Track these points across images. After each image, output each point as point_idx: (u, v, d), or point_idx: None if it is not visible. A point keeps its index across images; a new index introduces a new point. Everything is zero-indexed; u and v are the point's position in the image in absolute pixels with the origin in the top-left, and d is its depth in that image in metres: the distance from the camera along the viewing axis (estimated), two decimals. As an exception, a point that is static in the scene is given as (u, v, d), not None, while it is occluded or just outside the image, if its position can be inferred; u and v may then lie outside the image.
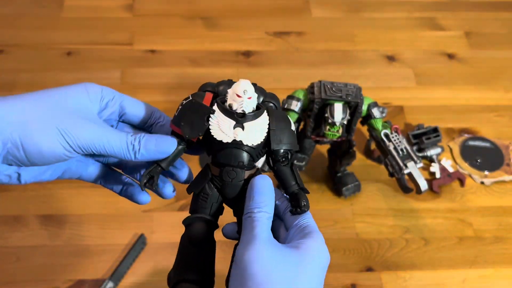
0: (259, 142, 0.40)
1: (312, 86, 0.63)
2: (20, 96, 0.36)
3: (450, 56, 0.98)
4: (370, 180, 0.80)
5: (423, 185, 0.65)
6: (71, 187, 0.76)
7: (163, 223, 0.74)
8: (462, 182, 0.80)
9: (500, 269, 0.72)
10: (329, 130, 0.62)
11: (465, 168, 0.82)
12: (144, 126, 0.44)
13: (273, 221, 0.39)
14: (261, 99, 0.43)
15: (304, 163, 0.72)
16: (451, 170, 0.81)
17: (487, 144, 0.85)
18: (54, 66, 0.91)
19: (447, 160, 0.82)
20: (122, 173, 0.44)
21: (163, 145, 0.40)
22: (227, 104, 0.40)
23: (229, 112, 0.40)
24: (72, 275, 0.68)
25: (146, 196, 0.44)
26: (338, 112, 0.61)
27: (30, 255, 0.70)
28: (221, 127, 0.40)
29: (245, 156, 0.41)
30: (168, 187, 0.45)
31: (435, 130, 0.81)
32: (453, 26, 1.03)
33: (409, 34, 1.01)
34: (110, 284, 0.66)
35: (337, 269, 0.70)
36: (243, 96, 0.39)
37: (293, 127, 0.42)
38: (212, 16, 1.01)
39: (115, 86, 0.94)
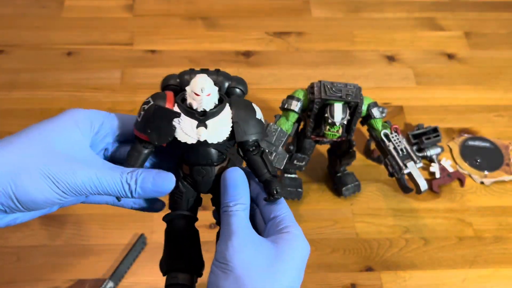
0: (225, 138, 0.40)
1: (312, 86, 0.63)
2: (7, 141, 0.36)
3: (450, 56, 0.98)
4: (370, 180, 0.80)
5: (423, 185, 0.65)
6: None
7: (163, 223, 0.74)
8: (462, 182, 0.80)
9: (500, 269, 0.72)
10: (329, 130, 0.63)
11: (465, 168, 0.82)
12: None
13: (251, 209, 0.40)
14: (227, 84, 0.41)
15: (304, 163, 0.73)
16: (451, 170, 0.81)
17: (487, 144, 0.85)
18: (54, 66, 0.91)
19: (446, 160, 0.83)
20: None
21: (161, 185, 0.38)
22: (187, 102, 0.39)
23: (190, 112, 0.39)
24: (72, 275, 0.68)
25: (159, 204, 0.45)
26: (338, 112, 0.61)
27: (30, 255, 0.70)
28: (183, 129, 0.39)
29: (213, 153, 0.41)
30: (158, 203, 0.45)
31: (435, 130, 0.81)
32: (453, 26, 1.03)
33: (409, 34, 1.01)
34: (110, 284, 0.66)
35: (337, 269, 0.71)
36: (201, 94, 0.38)
37: (258, 115, 0.41)
38: (212, 16, 1.02)
39: (115, 86, 0.95)
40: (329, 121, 0.61)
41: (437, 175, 0.80)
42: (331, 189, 0.78)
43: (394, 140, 0.66)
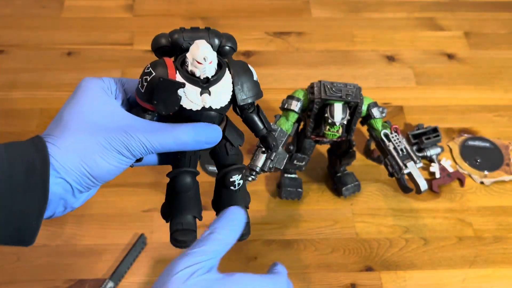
0: (227, 103, 0.42)
1: (312, 86, 0.63)
2: (58, 131, 0.38)
3: (450, 56, 0.98)
4: (369, 180, 0.80)
5: (423, 185, 0.65)
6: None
7: (163, 223, 0.74)
8: (461, 182, 0.80)
9: (499, 269, 0.72)
10: (329, 130, 0.63)
11: (465, 168, 0.82)
12: None
13: None
14: (217, 41, 0.43)
15: (304, 163, 0.73)
16: (450, 170, 0.81)
17: (487, 144, 0.85)
18: (54, 66, 0.91)
19: (446, 160, 0.83)
20: None
21: (213, 136, 0.42)
22: (188, 69, 0.40)
23: (193, 79, 0.39)
24: (72, 275, 0.68)
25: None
26: (338, 112, 0.61)
27: (30, 255, 0.70)
28: (188, 96, 0.40)
29: (214, 116, 0.42)
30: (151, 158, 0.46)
31: (435, 130, 0.81)
32: (453, 26, 1.03)
33: (409, 34, 1.01)
34: (110, 284, 0.66)
35: (337, 268, 0.71)
36: (204, 63, 0.39)
37: (255, 77, 0.43)
38: (212, 16, 1.02)
39: (115, 86, 0.94)
40: (329, 121, 0.61)
41: (437, 175, 0.80)
42: (331, 189, 0.79)
43: (394, 140, 0.66)
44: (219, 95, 0.41)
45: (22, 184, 0.35)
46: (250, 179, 0.62)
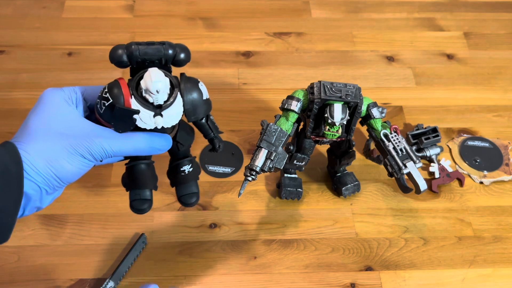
0: (178, 121, 0.46)
1: (311, 87, 0.63)
2: (25, 139, 0.42)
3: (449, 57, 0.98)
4: (369, 180, 0.80)
5: (423, 185, 0.65)
6: (72, 187, 0.76)
7: (163, 223, 0.74)
8: (461, 182, 0.80)
9: (499, 269, 0.72)
10: (328, 130, 0.63)
11: (464, 168, 0.82)
12: None
13: None
14: (171, 52, 0.46)
15: (304, 163, 0.73)
16: (450, 170, 0.81)
17: (486, 144, 0.85)
18: (55, 67, 0.92)
19: (446, 160, 0.83)
20: None
21: (164, 144, 0.47)
22: (142, 94, 0.44)
23: (146, 104, 0.44)
24: (73, 275, 0.69)
25: None
26: (338, 112, 0.62)
27: (31, 254, 0.70)
28: (142, 119, 0.44)
29: (168, 128, 0.48)
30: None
31: (434, 130, 0.81)
32: (452, 26, 1.03)
33: (409, 35, 1.01)
34: (111, 283, 0.67)
35: (336, 268, 0.71)
36: (157, 94, 0.43)
37: (205, 96, 0.48)
38: (212, 16, 1.02)
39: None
40: (329, 121, 0.62)
41: (437, 175, 0.80)
42: (331, 189, 0.79)
43: (394, 140, 0.66)
44: (171, 117, 0.45)
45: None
46: (250, 179, 0.62)
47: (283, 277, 0.70)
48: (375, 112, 0.66)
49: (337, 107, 0.62)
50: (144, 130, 0.45)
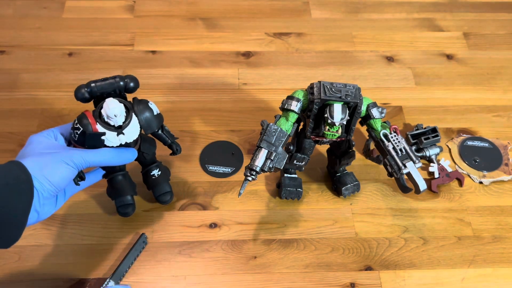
0: (137, 136, 0.60)
1: (311, 87, 0.64)
2: (23, 158, 0.54)
3: (449, 57, 0.98)
4: (369, 180, 0.80)
5: (422, 185, 0.65)
6: (72, 187, 0.76)
7: (163, 223, 0.74)
8: (460, 182, 0.80)
9: (498, 269, 0.72)
10: (328, 130, 0.63)
11: (464, 168, 0.82)
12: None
13: None
14: (122, 83, 0.58)
15: (304, 163, 0.73)
16: (449, 170, 0.81)
17: (486, 144, 0.85)
18: (55, 67, 0.92)
19: (445, 160, 0.83)
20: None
21: (128, 157, 0.61)
22: (105, 120, 0.57)
23: (109, 127, 0.57)
24: (73, 275, 0.69)
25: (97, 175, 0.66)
26: (338, 113, 0.62)
27: (31, 254, 0.70)
28: (109, 139, 0.57)
29: (132, 143, 0.60)
30: (97, 175, 0.67)
31: (434, 130, 0.81)
32: (452, 27, 1.04)
33: (408, 35, 1.02)
34: (111, 283, 0.67)
35: (336, 268, 0.71)
36: (115, 118, 0.56)
37: (155, 112, 0.61)
38: (212, 17, 1.02)
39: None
40: (329, 121, 0.62)
41: (436, 175, 0.81)
42: (331, 189, 0.79)
43: (393, 140, 0.66)
44: (131, 133, 0.59)
45: (15, 188, 0.50)
46: (250, 179, 0.63)
47: (283, 277, 0.70)
48: (374, 112, 0.66)
49: (337, 107, 0.62)
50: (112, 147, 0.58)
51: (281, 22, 1.02)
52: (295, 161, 0.72)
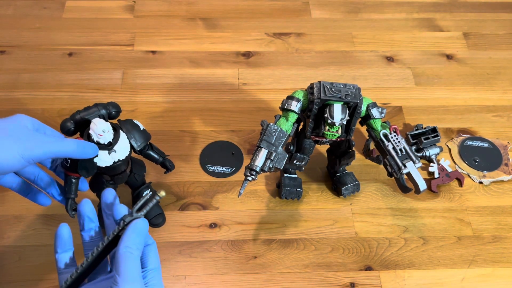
0: (129, 152, 0.61)
1: (311, 87, 0.64)
2: None
3: (449, 57, 0.98)
4: (369, 180, 0.80)
5: (422, 184, 0.65)
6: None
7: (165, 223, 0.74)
8: (460, 182, 0.81)
9: (498, 268, 0.72)
10: (328, 130, 0.63)
11: (464, 168, 0.82)
12: None
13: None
14: (104, 111, 0.59)
15: (304, 163, 0.73)
16: (449, 170, 0.81)
17: (486, 144, 0.85)
18: (55, 67, 0.92)
19: (445, 160, 0.83)
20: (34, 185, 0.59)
21: (89, 152, 0.56)
22: (94, 140, 0.57)
23: (100, 146, 0.58)
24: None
25: (46, 199, 0.60)
26: (338, 113, 0.62)
27: (31, 254, 0.70)
28: (101, 159, 0.58)
29: (123, 166, 0.63)
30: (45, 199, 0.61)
31: (434, 130, 0.81)
32: (452, 27, 1.04)
33: (408, 35, 1.02)
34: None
35: (336, 268, 0.71)
36: (103, 133, 0.57)
37: (141, 128, 0.63)
38: (212, 17, 1.02)
39: (116, 86, 0.96)
40: (329, 121, 0.62)
41: (436, 175, 0.81)
42: (331, 189, 0.79)
43: (393, 140, 0.66)
44: (122, 150, 0.60)
45: None
46: (250, 179, 0.63)
47: (283, 277, 0.70)
48: (374, 112, 0.66)
49: (337, 107, 0.62)
50: (106, 168, 0.59)
51: (281, 22, 1.02)
52: (295, 161, 0.72)
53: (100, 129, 0.56)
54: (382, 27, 1.03)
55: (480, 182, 0.81)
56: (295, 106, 0.64)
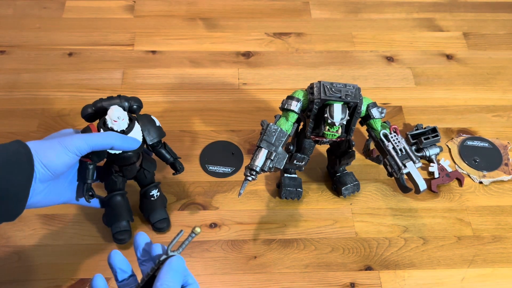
0: (140, 144, 0.60)
1: (311, 87, 0.64)
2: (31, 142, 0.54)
3: (449, 57, 0.98)
4: (369, 179, 0.80)
5: (422, 184, 0.65)
6: (73, 186, 0.76)
7: (163, 223, 0.74)
8: (460, 182, 0.81)
9: (498, 268, 0.72)
10: (328, 130, 0.63)
11: (464, 168, 0.82)
12: None
13: None
14: (127, 104, 0.61)
15: (304, 163, 0.73)
16: (449, 170, 0.81)
17: (486, 144, 0.85)
18: (55, 67, 0.92)
19: (445, 160, 0.83)
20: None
21: (132, 144, 0.60)
22: (109, 126, 0.58)
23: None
24: (73, 274, 0.69)
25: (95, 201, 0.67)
26: (338, 113, 0.62)
27: (31, 254, 0.70)
28: None
29: (133, 156, 0.63)
30: (95, 201, 0.68)
31: (434, 130, 0.81)
32: (452, 27, 1.04)
33: (408, 35, 1.02)
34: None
35: (336, 268, 0.71)
36: (118, 120, 0.58)
37: (157, 124, 0.63)
38: (212, 17, 1.02)
39: (116, 86, 0.96)
40: (329, 121, 0.62)
41: (436, 175, 0.81)
42: (331, 189, 0.79)
43: (393, 140, 0.66)
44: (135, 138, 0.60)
45: (14, 160, 0.49)
46: (250, 179, 0.63)
47: (283, 277, 0.70)
48: (374, 112, 0.66)
49: (337, 107, 0.62)
50: (115, 155, 0.61)
51: (281, 22, 1.02)
52: (295, 161, 0.72)
53: (116, 115, 0.57)
54: (382, 27, 1.03)
55: (480, 182, 0.81)
56: (295, 106, 0.64)
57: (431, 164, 0.82)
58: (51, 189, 0.56)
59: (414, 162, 0.65)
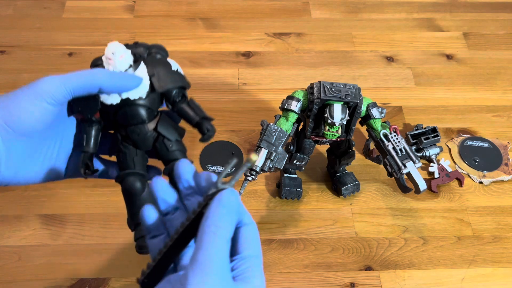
0: (147, 91, 0.43)
1: (311, 87, 0.64)
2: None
3: (449, 57, 0.98)
4: (369, 179, 0.80)
5: (422, 184, 0.65)
6: (72, 186, 0.76)
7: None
8: (460, 182, 0.81)
9: (498, 268, 0.72)
10: (328, 130, 0.63)
11: (464, 168, 0.82)
12: None
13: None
14: (146, 53, 0.44)
15: (303, 163, 0.73)
16: (449, 170, 0.81)
17: (486, 144, 0.85)
18: (55, 67, 0.92)
19: (445, 160, 0.83)
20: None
21: (128, 83, 0.42)
22: (104, 66, 0.42)
23: None
24: (73, 274, 0.69)
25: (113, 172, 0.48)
26: (338, 113, 0.62)
27: (31, 254, 0.70)
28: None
29: (141, 111, 0.43)
30: (112, 171, 0.48)
31: (434, 130, 0.81)
32: (452, 27, 1.04)
33: (408, 35, 1.02)
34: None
35: (336, 268, 0.71)
36: (113, 57, 0.41)
37: (174, 67, 0.44)
38: (212, 17, 1.02)
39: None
40: (329, 121, 0.62)
41: (436, 175, 0.81)
42: (331, 189, 0.79)
43: (393, 140, 0.66)
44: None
45: None
46: (250, 179, 0.63)
47: (283, 277, 0.70)
48: (374, 112, 0.66)
49: (337, 107, 0.62)
50: (113, 108, 0.43)
51: (281, 22, 1.02)
52: (295, 161, 0.72)
53: (110, 50, 0.42)
54: (382, 27, 1.03)
55: (480, 182, 0.81)
56: (295, 106, 0.64)
57: (431, 164, 0.82)
58: (31, 156, 0.42)
59: (414, 162, 0.65)
